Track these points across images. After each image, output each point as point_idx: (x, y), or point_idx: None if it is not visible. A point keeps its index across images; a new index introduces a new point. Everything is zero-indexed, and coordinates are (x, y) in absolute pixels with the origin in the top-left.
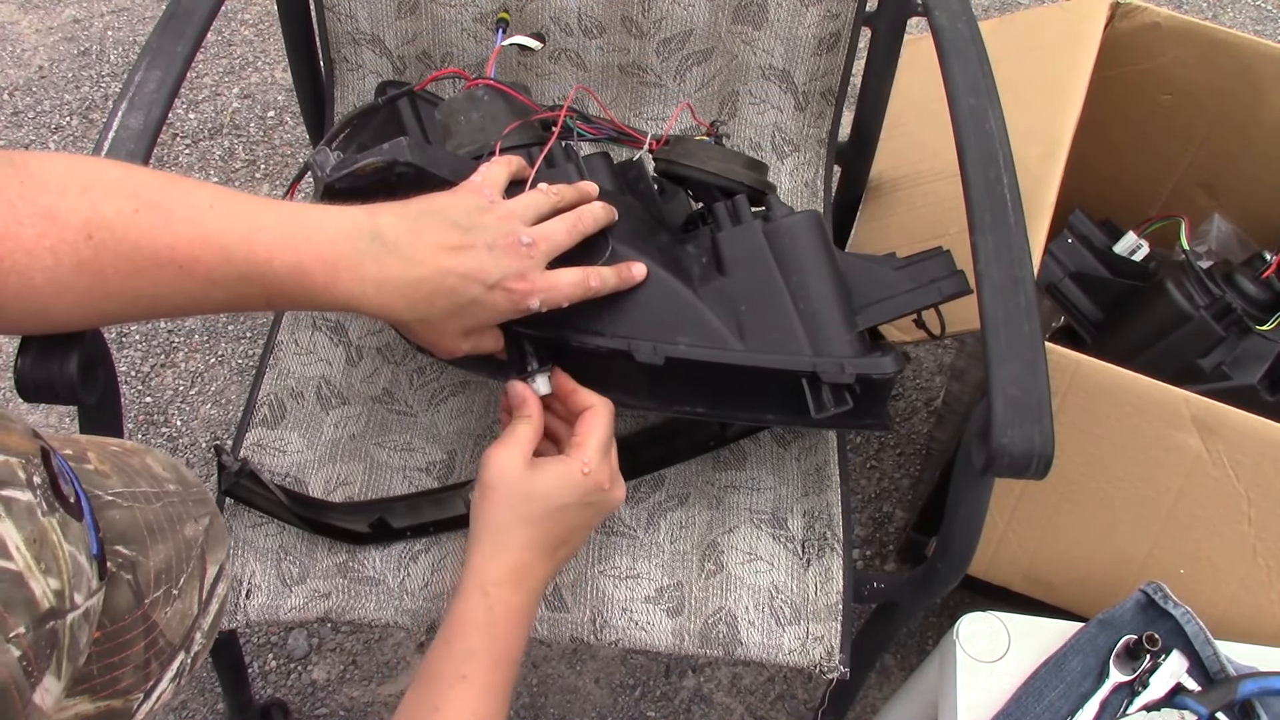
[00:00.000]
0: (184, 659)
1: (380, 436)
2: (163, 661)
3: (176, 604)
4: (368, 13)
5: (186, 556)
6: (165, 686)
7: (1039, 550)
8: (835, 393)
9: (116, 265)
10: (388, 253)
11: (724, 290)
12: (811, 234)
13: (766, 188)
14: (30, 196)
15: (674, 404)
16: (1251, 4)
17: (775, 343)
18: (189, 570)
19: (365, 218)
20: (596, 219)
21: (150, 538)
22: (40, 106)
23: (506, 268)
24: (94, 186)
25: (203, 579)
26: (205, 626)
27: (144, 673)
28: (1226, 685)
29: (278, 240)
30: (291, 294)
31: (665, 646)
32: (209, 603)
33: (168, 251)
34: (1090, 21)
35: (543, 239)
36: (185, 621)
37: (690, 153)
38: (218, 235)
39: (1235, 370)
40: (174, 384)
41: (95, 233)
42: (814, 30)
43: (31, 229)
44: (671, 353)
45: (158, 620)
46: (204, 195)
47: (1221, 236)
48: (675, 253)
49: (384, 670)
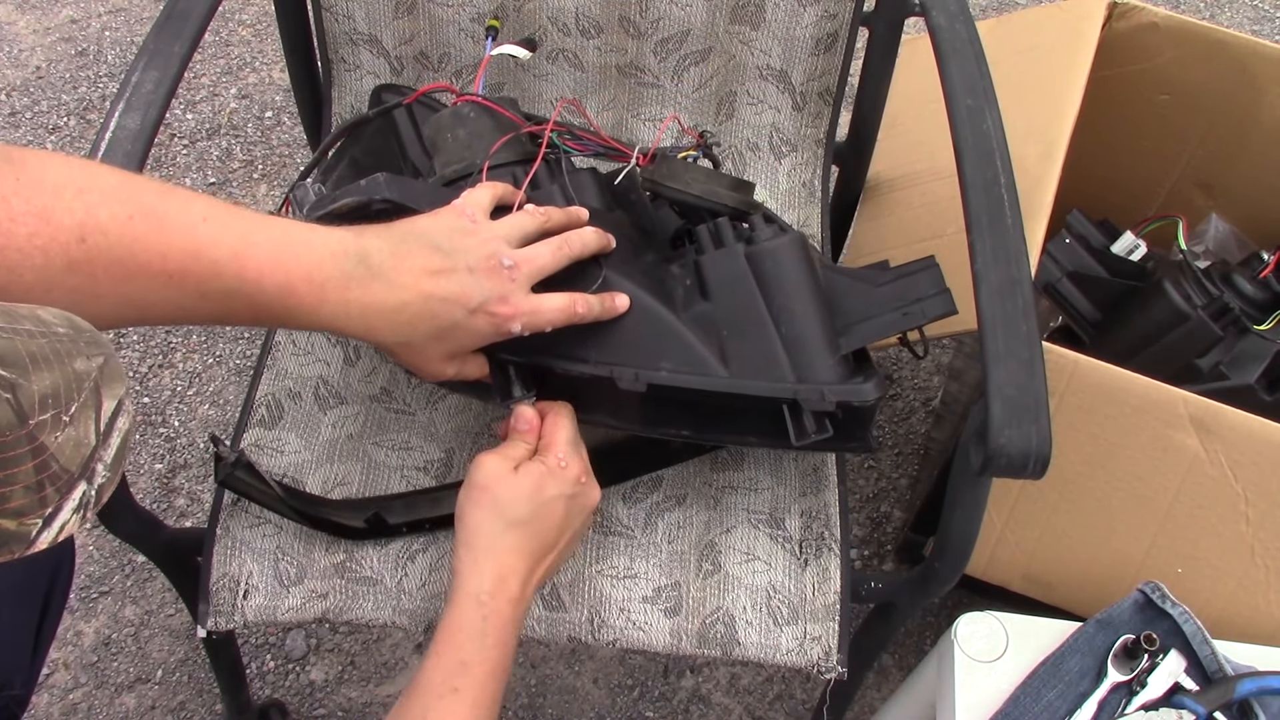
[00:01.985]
0: (86, 490)
1: (378, 436)
2: (60, 488)
3: (69, 430)
4: (365, 13)
5: (78, 387)
6: (68, 517)
7: (1037, 550)
8: (816, 419)
9: (108, 270)
10: (372, 277)
11: (707, 315)
12: (794, 257)
13: (751, 208)
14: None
15: (659, 427)
16: (1249, 4)
17: (758, 368)
18: (81, 400)
19: (353, 240)
20: (585, 244)
21: (33, 365)
22: (38, 107)
23: (488, 291)
24: (90, 190)
25: (99, 410)
26: (108, 458)
27: (38, 496)
28: (1224, 685)
29: (268, 259)
30: (277, 313)
31: (663, 646)
32: (109, 434)
33: (159, 261)
34: (1088, 21)
35: (525, 261)
36: (82, 450)
37: (674, 174)
38: (209, 249)
39: (1233, 370)
40: (172, 384)
41: (89, 236)
42: (811, 30)
43: (24, 227)
44: (654, 379)
45: (47, 443)
46: (199, 208)
47: (1219, 236)
48: (660, 274)
49: (382, 671)
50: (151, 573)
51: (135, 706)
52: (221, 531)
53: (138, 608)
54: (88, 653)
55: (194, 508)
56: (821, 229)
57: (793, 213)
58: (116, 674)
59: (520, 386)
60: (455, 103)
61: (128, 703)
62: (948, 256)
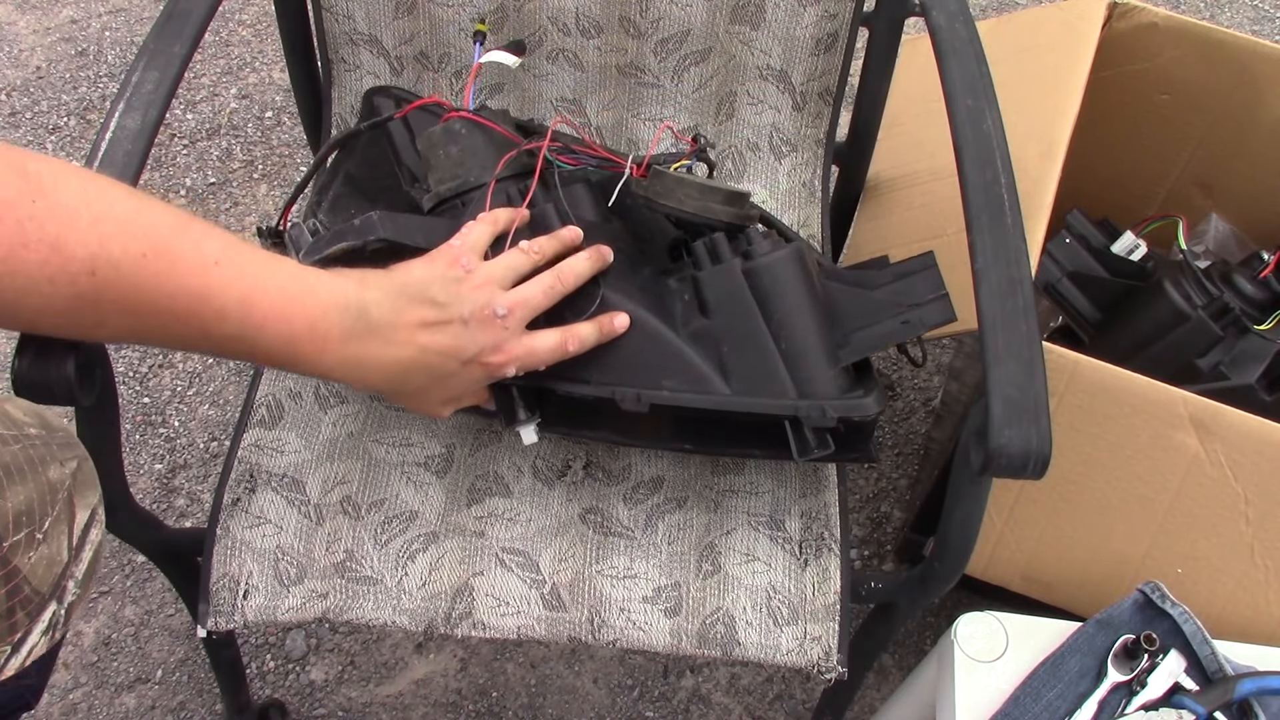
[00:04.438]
0: (56, 610)
1: (379, 433)
2: (30, 612)
3: (42, 549)
4: (365, 13)
5: (51, 499)
6: (36, 640)
7: (1037, 550)
8: (818, 435)
9: (115, 303)
10: (370, 332)
11: (706, 331)
12: (791, 271)
13: (747, 221)
14: (40, 220)
15: (663, 442)
16: (1249, 4)
17: (758, 384)
18: (54, 514)
19: (355, 292)
20: (579, 275)
21: (7, 478)
22: (38, 107)
23: (482, 342)
24: (105, 219)
25: (71, 524)
26: (79, 575)
27: (8, 624)
28: (1224, 685)
29: (274, 309)
30: (278, 360)
31: (663, 646)
32: (81, 549)
33: (167, 301)
34: (1088, 21)
35: (518, 305)
36: (54, 569)
37: (668, 190)
38: (218, 296)
39: (1233, 370)
40: (172, 384)
41: (99, 269)
42: (811, 30)
43: (35, 254)
44: (656, 399)
45: (20, 566)
46: (213, 248)
47: (1219, 236)
48: (659, 290)
49: (382, 671)
50: (151, 573)
51: (135, 706)
52: (221, 531)
53: (138, 608)
54: (88, 653)
55: (194, 508)
56: (821, 229)
57: (793, 213)
58: (116, 674)
59: (524, 409)
60: (446, 119)
61: (128, 703)
62: (948, 256)
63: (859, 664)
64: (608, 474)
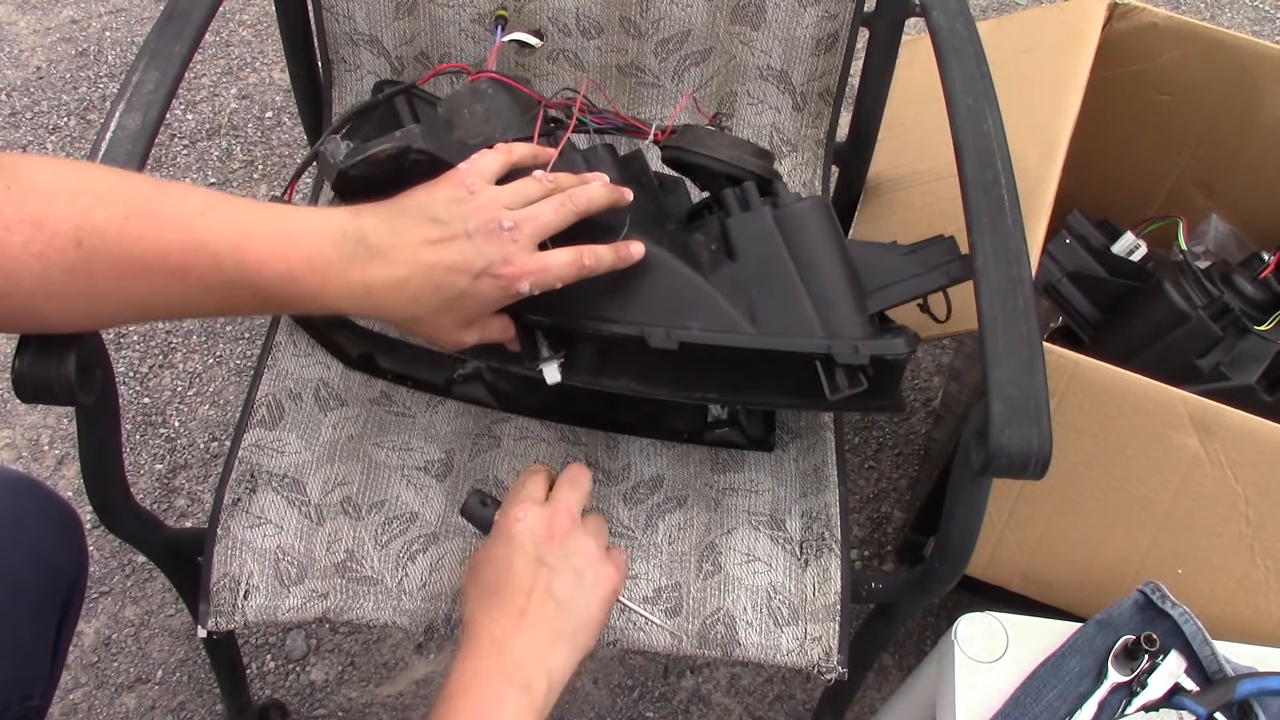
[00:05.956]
0: None
1: (379, 437)
2: None
3: None
4: (366, 13)
5: None
6: None
7: (1037, 550)
8: (849, 374)
9: (107, 272)
10: (371, 256)
11: (735, 276)
12: (820, 219)
13: (774, 176)
14: (18, 203)
15: (687, 390)
16: (1249, 4)
17: (788, 326)
18: None
19: (350, 221)
20: (592, 199)
21: None
22: (38, 107)
23: (490, 254)
24: (84, 193)
25: None
26: None
27: None
28: (1224, 685)
29: (267, 248)
30: (283, 300)
31: (663, 647)
32: None
33: (159, 259)
34: (1088, 22)
35: (526, 221)
36: None
37: (700, 140)
38: (210, 243)
39: (1233, 370)
40: (172, 385)
41: (85, 239)
42: (812, 31)
43: (19, 235)
44: (685, 338)
45: None
46: (195, 201)
47: (1219, 236)
48: (684, 239)
49: (382, 671)
50: (151, 573)
51: (135, 706)
52: (222, 531)
53: (138, 608)
54: (88, 653)
55: (194, 508)
56: None
57: None
58: (116, 674)
59: (548, 348)
60: (472, 80)
61: (128, 703)
62: None
63: (859, 664)
64: (607, 474)
